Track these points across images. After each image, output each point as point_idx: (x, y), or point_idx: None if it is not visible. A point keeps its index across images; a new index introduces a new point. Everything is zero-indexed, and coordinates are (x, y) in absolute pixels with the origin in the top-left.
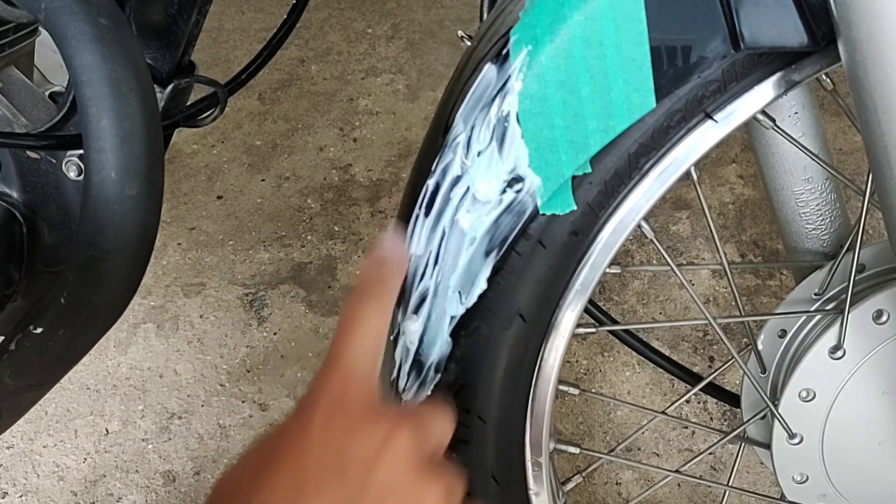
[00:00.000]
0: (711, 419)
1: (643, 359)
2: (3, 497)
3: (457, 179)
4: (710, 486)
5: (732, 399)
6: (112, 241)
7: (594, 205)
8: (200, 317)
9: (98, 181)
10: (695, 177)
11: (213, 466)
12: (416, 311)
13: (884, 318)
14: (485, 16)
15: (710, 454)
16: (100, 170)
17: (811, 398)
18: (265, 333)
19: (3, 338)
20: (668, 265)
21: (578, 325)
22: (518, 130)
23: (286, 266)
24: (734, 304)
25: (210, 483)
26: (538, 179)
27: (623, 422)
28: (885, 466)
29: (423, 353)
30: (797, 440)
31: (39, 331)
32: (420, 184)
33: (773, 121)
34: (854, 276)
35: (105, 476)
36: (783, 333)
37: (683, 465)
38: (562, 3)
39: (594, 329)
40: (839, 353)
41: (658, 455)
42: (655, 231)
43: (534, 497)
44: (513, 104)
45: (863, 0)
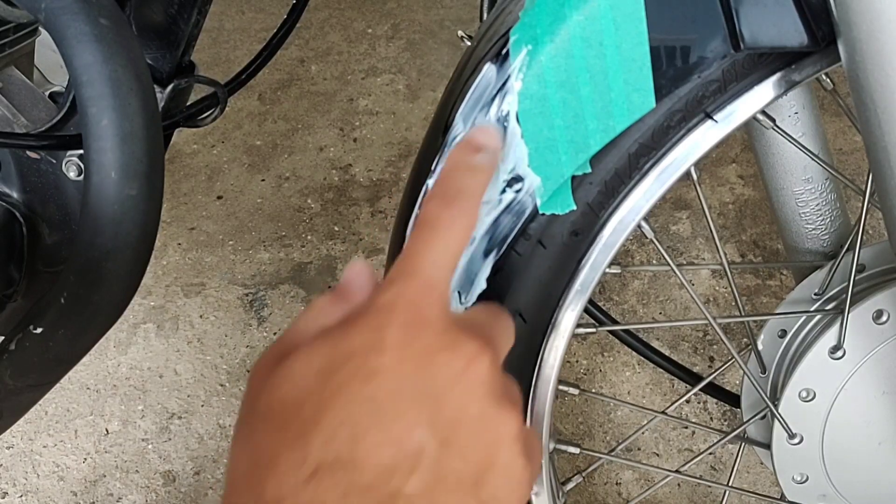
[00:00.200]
0: (711, 419)
1: (643, 359)
2: (3, 497)
3: None
4: (710, 486)
5: (732, 399)
6: (112, 242)
7: (594, 205)
8: (200, 317)
9: (98, 181)
10: (695, 177)
11: (213, 466)
12: None
13: (884, 318)
14: (485, 16)
15: (710, 454)
16: (100, 170)
17: (811, 398)
18: (265, 333)
19: (3, 338)
20: (668, 265)
21: (578, 325)
22: (518, 130)
23: (286, 266)
24: (734, 304)
25: (210, 483)
26: (538, 179)
27: (623, 422)
28: (885, 466)
29: None
30: (797, 440)
31: (39, 331)
32: (420, 184)
33: (773, 121)
34: (854, 276)
35: (105, 476)
36: (783, 333)
37: (683, 465)
38: (562, 3)
39: (594, 329)
40: (839, 353)
41: (658, 455)
42: (655, 231)
43: (534, 497)
44: (512, 104)
45: (863, 0)
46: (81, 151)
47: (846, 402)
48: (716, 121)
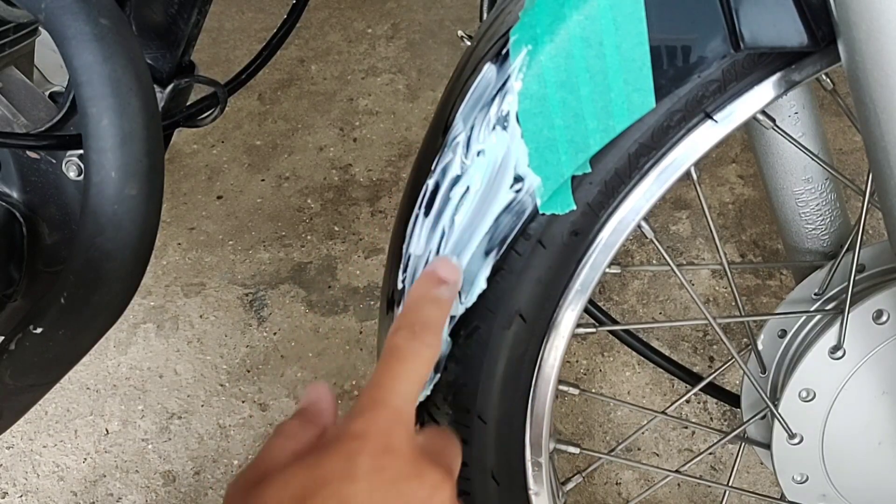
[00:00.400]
0: (711, 419)
1: (643, 359)
2: (3, 497)
3: (457, 179)
4: (710, 486)
5: (732, 399)
6: (112, 242)
7: (594, 205)
8: (200, 317)
9: (98, 181)
10: (695, 177)
11: (213, 466)
12: None
13: (884, 318)
14: (485, 16)
15: (710, 454)
16: (100, 170)
17: (811, 398)
18: (265, 333)
19: (3, 338)
20: (668, 265)
21: (578, 325)
22: (518, 130)
23: (286, 266)
24: (734, 304)
25: (210, 483)
26: (538, 179)
27: (623, 422)
28: (885, 466)
29: None
30: (797, 440)
31: (39, 331)
32: (420, 183)
33: (773, 121)
34: (854, 276)
35: (105, 476)
36: (783, 333)
37: (683, 465)
38: (561, 3)
39: (594, 329)
40: (839, 353)
41: (658, 455)
42: (655, 231)
43: (534, 497)
44: (512, 104)
45: (863, 0)
46: (81, 151)
47: (846, 402)
48: (716, 121)
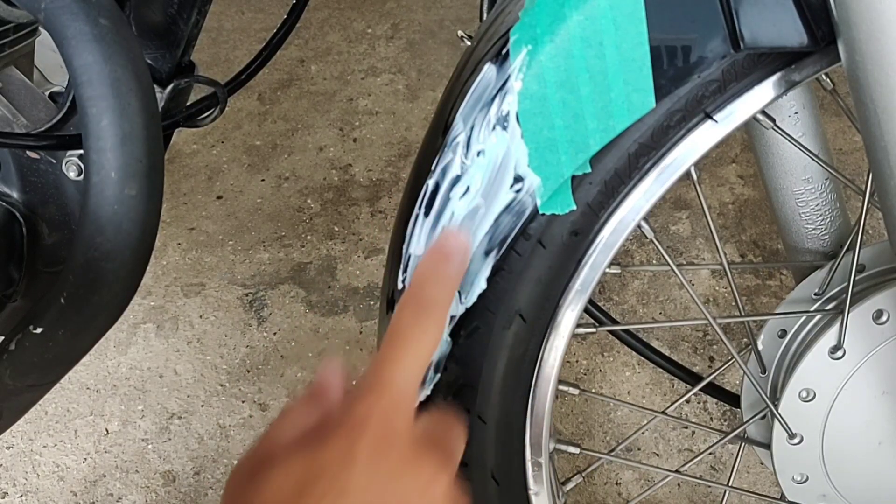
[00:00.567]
0: (711, 419)
1: (643, 359)
2: (3, 497)
3: (457, 179)
4: (710, 486)
5: (732, 399)
6: (112, 242)
7: (594, 205)
8: (200, 317)
9: (98, 181)
10: (695, 177)
11: (213, 466)
12: None
13: (884, 318)
14: (485, 16)
15: (710, 454)
16: (100, 170)
17: (811, 398)
18: (265, 333)
19: (3, 338)
20: (668, 265)
21: (578, 325)
22: (518, 130)
23: (286, 266)
24: (734, 304)
25: (210, 483)
26: (538, 179)
27: (623, 422)
28: (886, 466)
29: None
30: (797, 440)
31: (39, 331)
32: (420, 183)
33: (773, 121)
34: (854, 276)
35: (105, 476)
36: (783, 333)
37: (683, 465)
38: (561, 3)
39: (594, 329)
40: (839, 353)
41: (658, 455)
42: (655, 231)
43: (534, 497)
44: (512, 104)
45: (863, 0)
46: (81, 151)
47: (846, 402)
48: (716, 121)
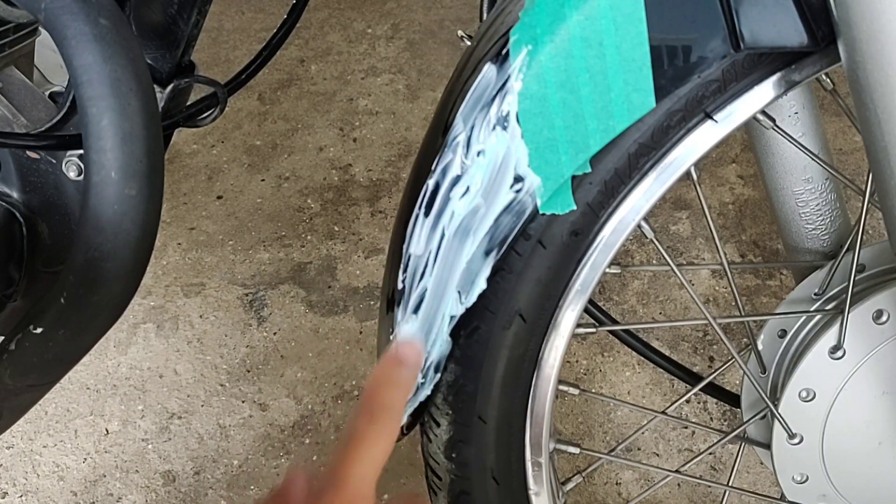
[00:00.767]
0: (711, 419)
1: (643, 359)
2: (3, 497)
3: (457, 179)
4: (710, 486)
5: (732, 399)
6: (112, 242)
7: (594, 205)
8: (200, 317)
9: (98, 181)
10: (695, 177)
11: (213, 466)
12: (416, 311)
13: (884, 318)
14: (485, 16)
15: (710, 454)
16: (100, 170)
17: (811, 398)
18: (265, 333)
19: (3, 338)
20: (668, 265)
21: (578, 325)
22: (518, 130)
23: (286, 266)
24: (734, 304)
25: (210, 483)
26: (538, 179)
27: (623, 422)
28: (886, 466)
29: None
30: (797, 440)
31: (39, 331)
32: (420, 184)
33: (773, 121)
34: (854, 276)
35: (105, 476)
36: (783, 333)
37: (683, 465)
38: (562, 3)
39: (594, 329)
40: (839, 353)
41: (658, 455)
42: (655, 231)
43: (534, 497)
44: (512, 104)
45: (863, 0)
46: (81, 151)
47: (846, 402)
48: (716, 121)
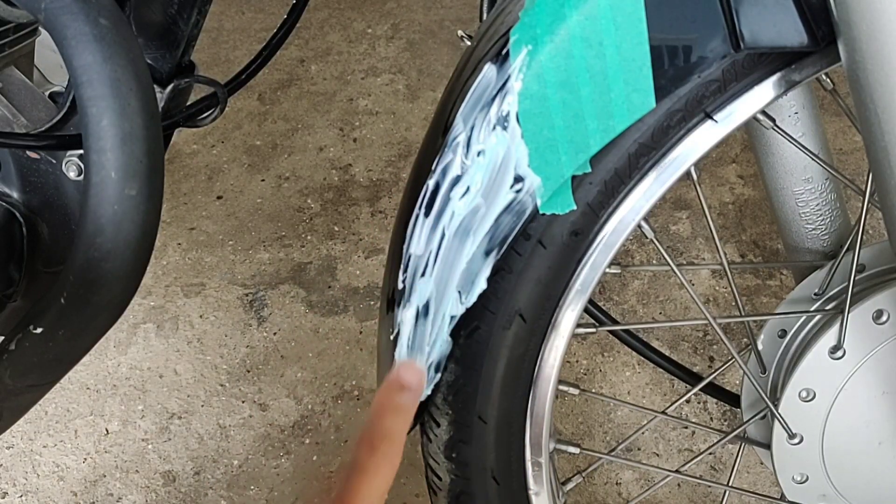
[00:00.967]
0: (711, 419)
1: (643, 359)
2: (3, 497)
3: (457, 179)
4: (710, 486)
5: (732, 399)
6: (112, 242)
7: (594, 205)
8: (200, 317)
9: (98, 181)
10: (695, 177)
11: (213, 466)
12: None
13: (884, 318)
14: (485, 16)
15: (710, 454)
16: (100, 170)
17: (811, 398)
18: (265, 333)
19: (3, 338)
20: (668, 265)
21: (578, 325)
22: (518, 130)
23: (286, 266)
24: (734, 304)
25: (210, 483)
26: (538, 179)
27: (623, 422)
28: (886, 466)
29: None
30: (797, 440)
31: (39, 331)
32: (420, 183)
33: (773, 121)
34: (854, 276)
35: (105, 476)
36: (783, 333)
37: (683, 465)
38: (562, 3)
39: (594, 329)
40: (839, 353)
41: (658, 455)
42: (655, 231)
43: (534, 497)
44: (513, 104)
45: (863, 0)
46: (81, 151)
47: (846, 402)
48: (716, 121)
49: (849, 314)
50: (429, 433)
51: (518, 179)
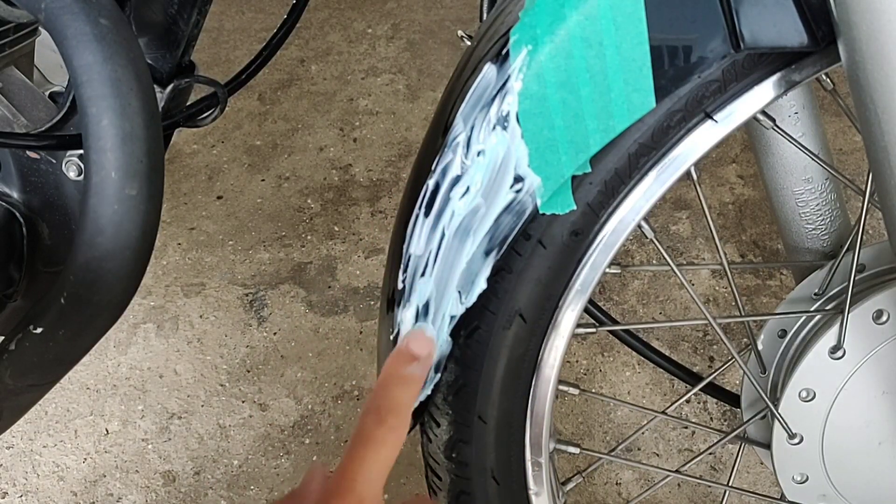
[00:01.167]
0: (711, 419)
1: (643, 359)
2: (3, 497)
3: (457, 179)
4: (710, 486)
5: (732, 399)
6: (112, 242)
7: (594, 205)
8: (200, 317)
9: (98, 181)
10: (695, 177)
11: (213, 466)
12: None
13: (884, 318)
14: (485, 16)
15: (710, 454)
16: (100, 170)
17: (811, 398)
18: (265, 333)
19: (3, 338)
20: (668, 265)
21: (578, 325)
22: (518, 130)
23: (286, 266)
24: (734, 304)
25: (210, 483)
26: (538, 179)
27: (623, 422)
28: (886, 466)
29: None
30: (797, 440)
31: (39, 331)
32: (420, 183)
33: (773, 121)
34: (854, 276)
35: (105, 476)
36: (783, 333)
37: (683, 465)
38: (561, 3)
39: (594, 329)
40: (839, 353)
41: (658, 455)
42: (655, 231)
43: (534, 497)
44: (513, 104)
45: (863, 0)
46: (81, 151)
47: (846, 402)
48: (716, 121)
49: (849, 314)
50: (429, 433)
51: (518, 179)
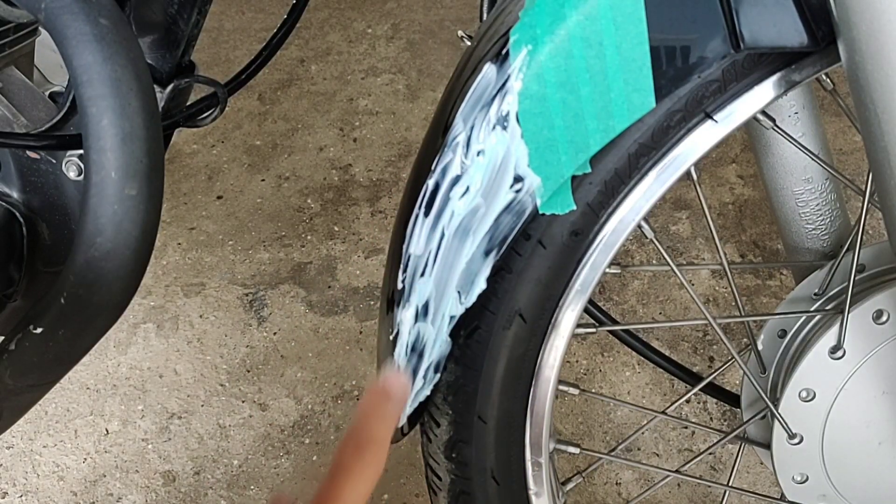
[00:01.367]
0: (711, 419)
1: (643, 359)
2: (3, 497)
3: (457, 179)
4: (710, 486)
5: (732, 399)
6: (112, 242)
7: (594, 205)
8: (200, 317)
9: (98, 181)
10: (695, 177)
11: (213, 466)
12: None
13: (884, 318)
14: (485, 16)
15: (710, 454)
16: (100, 170)
17: (811, 398)
18: (265, 333)
19: (3, 338)
20: (668, 265)
21: (578, 325)
22: (518, 130)
23: (286, 266)
24: (734, 304)
25: (210, 483)
26: (538, 179)
27: (623, 422)
28: (886, 466)
29: (423, 352)
30: (797, 440)
31: (39, 331)
32: (420, 183)
33: (773, 121)
34: (854, 276)
35: (105, 476)
36: (783, 333)
37: (683, 465)
38: (561, 3)
39: (594, 329)
40: (839, 353)
41: (658, 455)
42: (655, 231)
43: (534, 497)
44: (512, 104)
45: (863, 0)
46: (81, 151)
47: (846, 402)
48: (716, 121)
49: (849, 314)
50: (429, 433)
51: (518, 179)
